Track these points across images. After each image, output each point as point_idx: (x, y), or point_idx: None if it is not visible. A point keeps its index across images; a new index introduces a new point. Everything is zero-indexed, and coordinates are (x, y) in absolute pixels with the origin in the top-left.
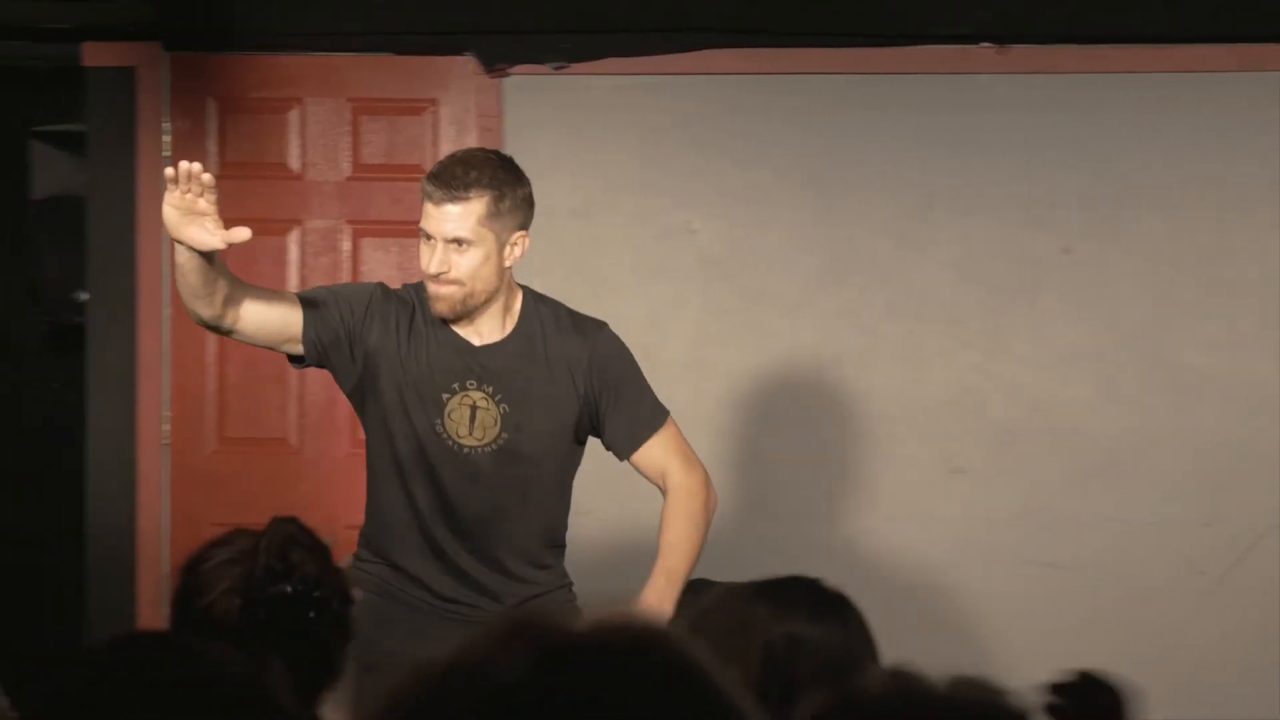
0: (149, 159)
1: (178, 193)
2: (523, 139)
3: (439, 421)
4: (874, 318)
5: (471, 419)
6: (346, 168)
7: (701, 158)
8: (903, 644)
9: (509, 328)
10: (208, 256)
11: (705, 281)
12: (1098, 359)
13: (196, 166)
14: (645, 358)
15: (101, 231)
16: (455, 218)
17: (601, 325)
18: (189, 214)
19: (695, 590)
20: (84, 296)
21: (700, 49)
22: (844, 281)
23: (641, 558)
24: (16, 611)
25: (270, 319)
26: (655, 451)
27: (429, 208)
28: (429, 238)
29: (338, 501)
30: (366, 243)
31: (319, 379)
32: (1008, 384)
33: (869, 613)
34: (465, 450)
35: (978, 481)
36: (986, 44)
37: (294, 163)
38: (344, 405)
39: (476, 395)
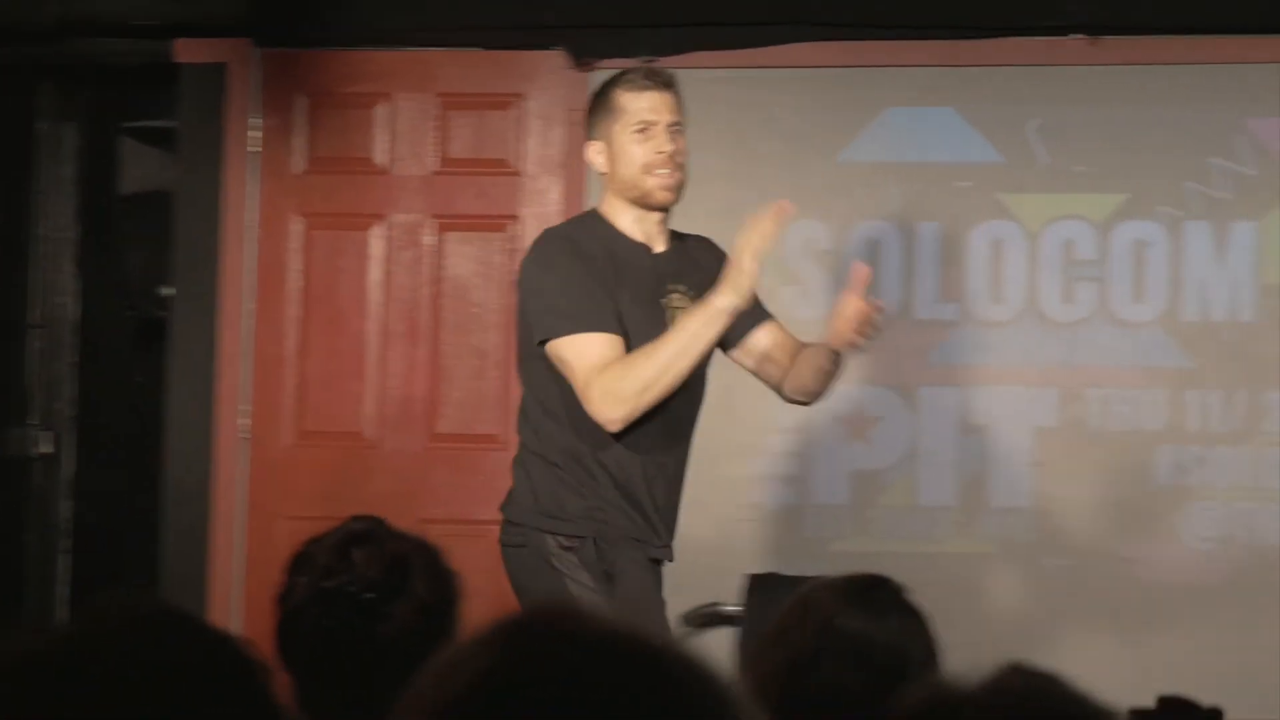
0: (237, 155)
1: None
2: None
3: (666, 327)
4: (971, 310)
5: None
6: (433, 162)
7: (789, 151)
8: None
9: (667, 234)
10: None
11: (788, 275)
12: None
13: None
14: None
15: (188, 227)
16: (672, 104)
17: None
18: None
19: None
20: (169, 291)
21: (788, 42)
22: (922, 271)
23: None
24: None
25: None
26: (770, 329)
27: (650, 96)
28: (647, 126)
29: (414, 495)
30: (451, 237)
31: (398, 373)
32: (1089, 379)
33: None
34: None
35: None
36: (1077, 35)
37: (381, 158)
38: (421, 400)
39: (675, 298)
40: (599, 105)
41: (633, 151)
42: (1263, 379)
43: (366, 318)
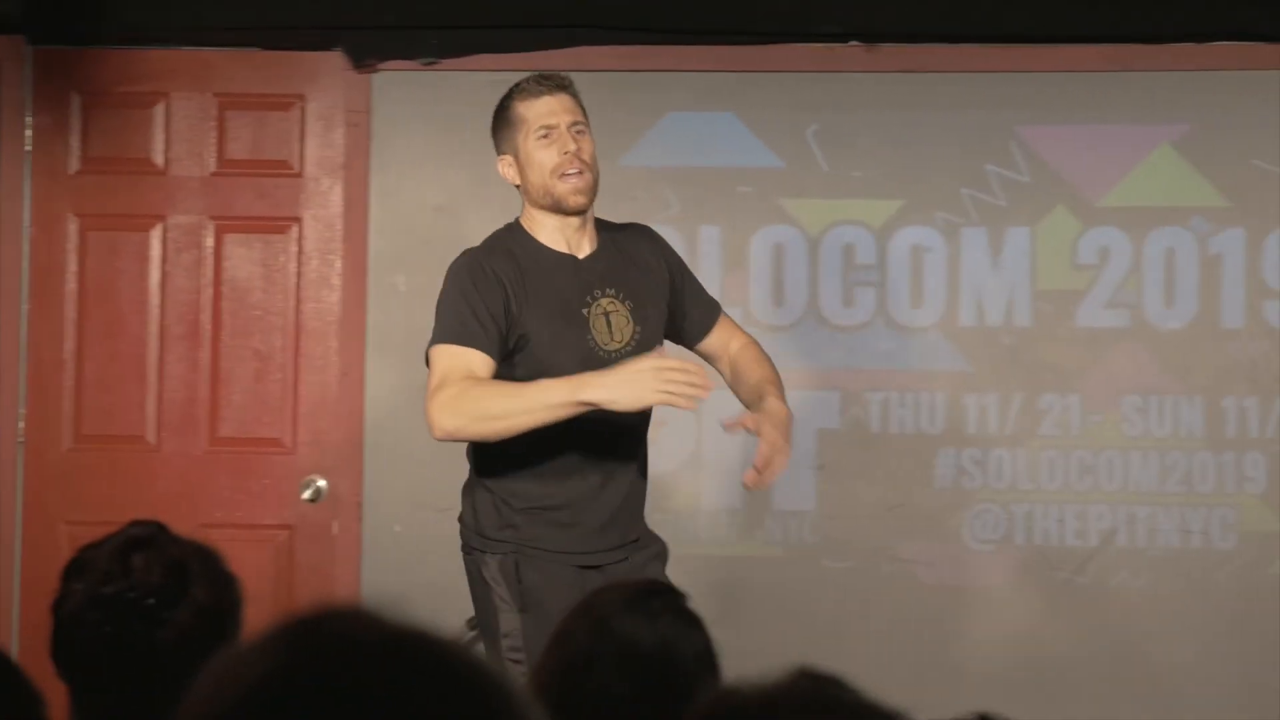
0: (9, 154)
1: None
2: (391, 134)
3: (589, 337)
4: (753, 313)
5: (608, 325)
6: (211, 163)
7: None
8: None
9: (595, 236)
10: None
11: None
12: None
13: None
14: None
15: None
16: (570, 105)
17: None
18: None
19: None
20: None
21: (572, 45)
22: (704, 275)
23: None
24: None
25: None
26: (722, 330)
27: (546, 101)
28: (549, 130)
29: (195, 499)
30: (230, 239)
31: (177, 375)
32: (869, 382)
33: None
34: (613, 355)
35: None
36: (855, 43)
37: (158, 158)
38: (203, 402)
39: (605, 302)
40: (500, 120)
41: (539, 157)
42: (1039, 382)
43: (146, 320)
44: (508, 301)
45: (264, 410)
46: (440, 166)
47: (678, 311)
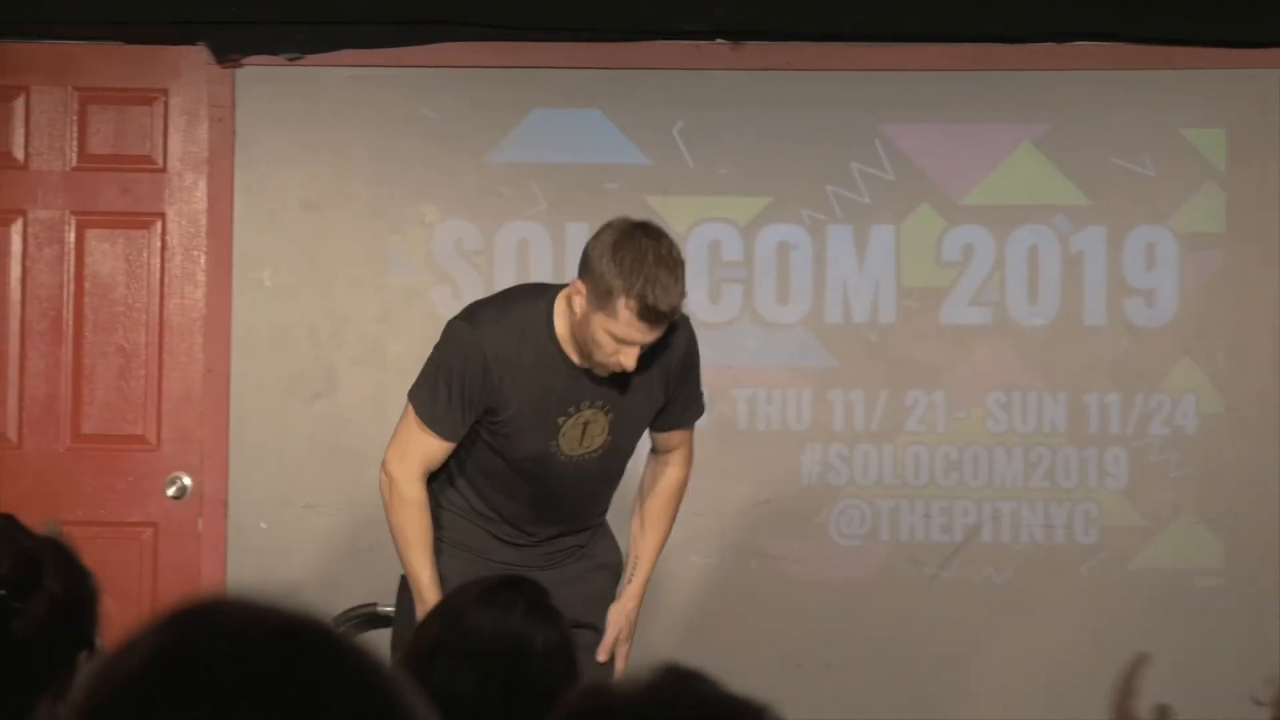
0: None
1: None
2: (256, 130)
3: (553, 443)
4: None
5: (583, 434)
6: (73, 157)
7: (436, 150)
8: None
9: None
10: None
11: (439, 275)
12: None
13: None
14: (375, 351)
15: None
16: (658, 334)
17: (686, 316)
18: None
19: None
20: None
21: (437, 41)
22: (572, 272)
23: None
24: None
25: None
26: (681, 435)
27: (643, 329)
28: (625, 342)
29: (58, 496)
30: (92, 234)
31: (39, 372)
32: (736, 379)
33: None
34: (575, 458)
35: None
36: (721, 40)
37: (18, 152)
38: (65, 399)
39: (589, 412)
40: (600, 271)
41: (601, 341)
42: (904, 379)
43: (6, 316)
44: (487, 397)
45: (128, 407)
46: (305, 162)
47: (665, 398)
